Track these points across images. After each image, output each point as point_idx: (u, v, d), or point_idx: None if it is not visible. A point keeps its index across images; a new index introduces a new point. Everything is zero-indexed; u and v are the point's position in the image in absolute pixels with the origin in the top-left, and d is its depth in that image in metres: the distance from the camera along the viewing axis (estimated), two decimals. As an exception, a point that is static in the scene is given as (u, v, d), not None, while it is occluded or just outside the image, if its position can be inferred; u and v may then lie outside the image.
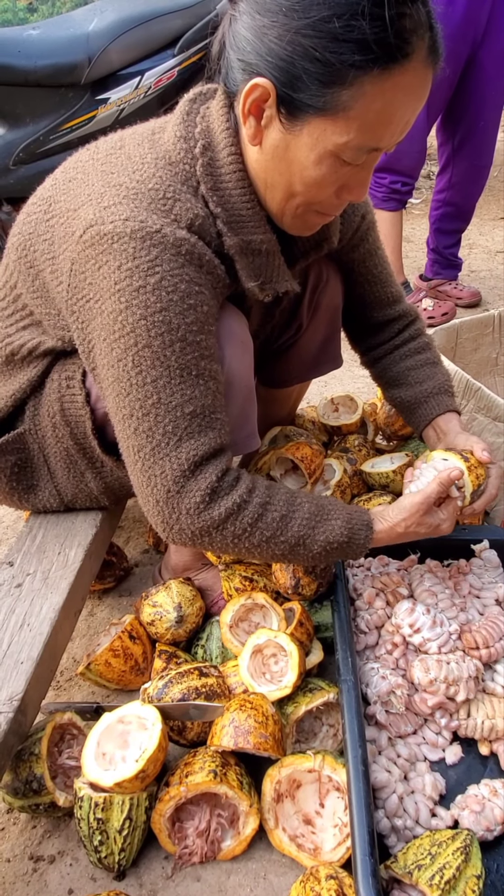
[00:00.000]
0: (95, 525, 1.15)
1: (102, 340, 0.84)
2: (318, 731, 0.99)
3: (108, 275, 0.81)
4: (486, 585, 1.15)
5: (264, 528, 0.88)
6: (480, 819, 0.86)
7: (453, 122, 2.35)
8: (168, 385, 0.82)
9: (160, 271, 0.80)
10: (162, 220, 0.81)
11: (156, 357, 0.81)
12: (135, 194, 0.82)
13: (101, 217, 0.81)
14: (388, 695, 0.97)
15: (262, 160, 0.83)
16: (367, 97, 0.73)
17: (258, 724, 0.86)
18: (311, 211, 0.87)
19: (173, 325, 0.81)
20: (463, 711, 0.98)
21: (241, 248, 0.88)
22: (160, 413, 0.83)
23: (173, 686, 0.92)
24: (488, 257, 3.30)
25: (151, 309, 0.80)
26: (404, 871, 0.76)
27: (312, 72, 0.73)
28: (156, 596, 1.07)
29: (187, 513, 0.85)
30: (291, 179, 0.83)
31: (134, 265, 0.79)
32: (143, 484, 0.87)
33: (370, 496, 1.31)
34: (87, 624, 1.23)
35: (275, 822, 0.86)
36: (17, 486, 1.09)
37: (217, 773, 0.83)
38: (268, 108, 0.78)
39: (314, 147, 0.78)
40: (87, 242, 0.82)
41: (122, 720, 0.88)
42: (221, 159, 0.85)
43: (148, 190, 0.82)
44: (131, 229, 0.79)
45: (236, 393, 0.97)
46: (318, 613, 1.12)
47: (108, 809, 0.81)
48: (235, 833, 0.86)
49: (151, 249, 0.79)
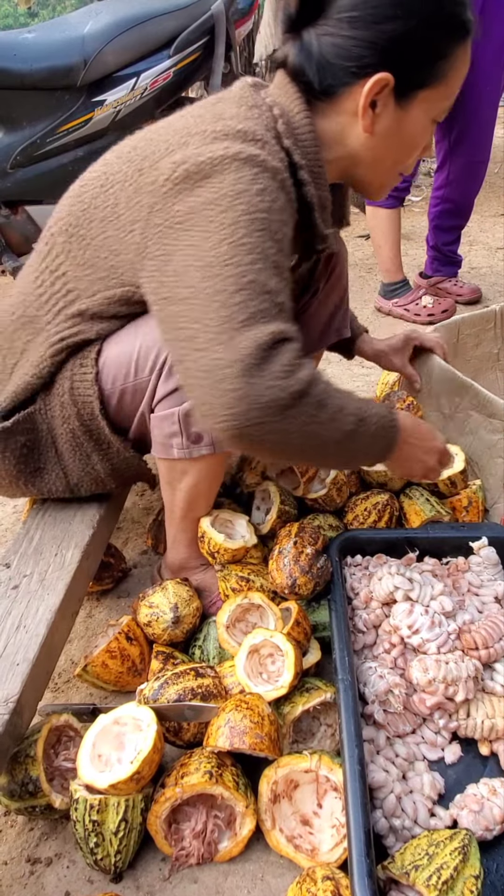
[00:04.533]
0: (93, 526, 1.15)
1: (188, 245, 0.85)
2: (315, 731, 0.99)
3: (206, 192, 0.84)
4: (484, 583, 1.14)
5: (336, 397, 0.87)
6: (479, 819, 0.85)
7: (449, 119, 2.34)
8: (264, 271, 0.83)
9: (261, 182, 0.85)
10: (259, 151, 0.86)
11: (254, 245, 0.83)
12: (225, 135, 0.87)
13: (193, 153, 0.86)
14: (385, 694, 0.97)
15: (373, 143, 0.96)
16: (457, 63, 0.92)
17: (254, 724, 0.85)
18: (398, 173, 1.03)
19: (272, 227, 0.85)
20: (462, 711, 0.97)
21: (320, 201, 0.97)
22: (254, 290, 0.82)
23: (169, 687, 0.92)
24: (489, 254, 3.29)
25: (254, 208, 0.84)
26: (401, 872, 0.75)
27: (425, 55, 0.89)
28: (152, 597, 1.07)
29: (280, 373, 0.80)
30: (402, 150, 0.98)
31: (238, 176, 0.84)
32: (229, 353, 0.80)
33: (367, 495, 1.30)
34: (85, 625, 1.23)
35: (272, 822, 0.85)
36: (24, 469, 1.07)
37: (213, 774, 0.83)
38: (383, 98, 0.91)
39: (423, 117, 0.94)
40: (177, 178, 0.86)
41: (118, 721, 0.88)
42: (299, 124, 0.93)
43: (237, 131, 0.87)
44: (233, 153, 0.85)
45: None
46: (315, 613, 1.12)
47: (104, 811, 0.80)
48: (232, 834, 0.85)
49: (254, 167, 0.85)
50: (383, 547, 1.19)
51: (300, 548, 1.06)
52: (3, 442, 1.02)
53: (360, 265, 3.20)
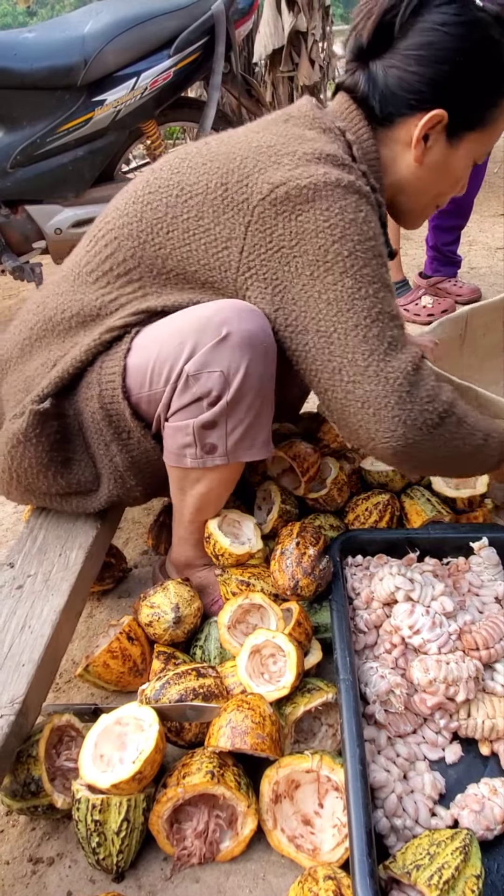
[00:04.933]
0: (96, 527, 1.15)
1: (308, 275, 0.92)
2: (317, 731, 0.99)
3: (312, 218, 0.91)
4: (485, 583, 1.14)
5: (470, 415, 0.98)
6: (480, 818, 0.86)
7: None
8: (387, 299, 0.94)
9: (364, 210, 0.93)
10: (349, 177, 0.94)
11: (374, 275, 0.93)
12: (318, 158, 0.94)
13: (292, 175, 0.92)
14: (387, 694, 0.97)
15: (420, 173, 1.04)
16: (502, 112, 1.00)
17: (255, 724, 0.86)
18: (434, 205, 1.12)
19: (378, 250, 0.94)
20: (463, 711, 0.97)
21: (383, 222, 1.05)
22: (385, 319, 0.93)
23: (171, 687, 0.92)
24: (488, 254, 3.29)
25: (365, 236, 0.92)
26: (403, 872, 0.75)
27: (479, 100, 0.97)
28: (153, 597, 1.07)
29: (427, 397, 0.92)
30: (444, 184, 1.06)
31: (343, 204, 0.91)
32: (381, 386, 0.91)
33: (368, 495, 1.30)
34: (85, 625, 1.23)
35: (273, 822, 0.85)
36: (56, 457, 1.05)
37: (214, 774, 0.83)
38: (434, 133, 0.99)
39: (467, 156, 1.02)
40: (276, 199, 0.92)
41: (120, 722, 0.88)
42: (367, 147, 1.02)
43: (327, 155, 0.94)
44: (334, 179, 0.92)
45: (254, 400, 0.98)
46: (316, 614, 1.12)
47: (106, 811, 0.81)
48: (234, 834, 0.86)
49: (353, 194, 0.93)
50: (384, 547, 1.19)
51: (302, 549, 1.06)
52: (39, 426, 1.01)
53: (359, 265, 3.20)
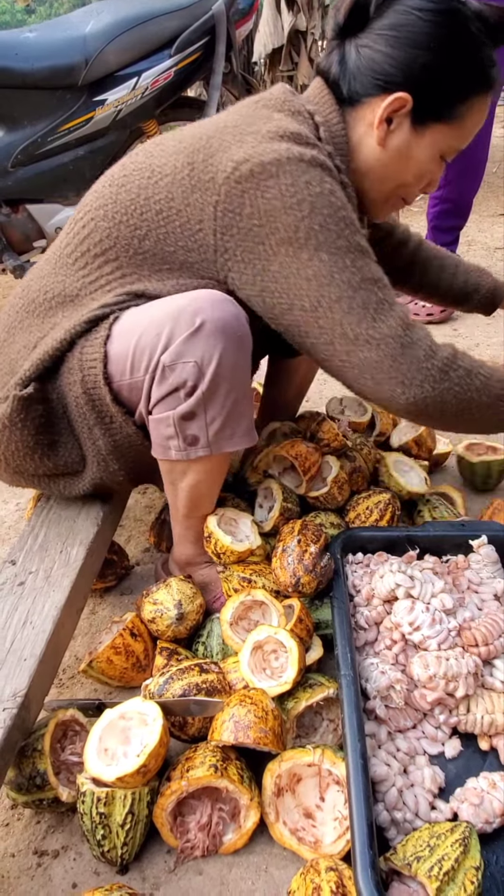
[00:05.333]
0: (97, 524, 1.16)
1: (284, 254, 0.93)
2: (318, 726, 1.00)
3: (279, 195, 0.91)
4: (484, 581, 1.15)
5: (481, 366, 0.99)
6: (479, 812, 0.87)
7: None
8: (366, 265, 0.94)
9: (329, 182, 0.94)
10: (314, 153, 0.94)
11: (349, 246, 0.93)
12: (280, 136, 0.95)
13: (255, 152, 0.92)
14: (387, 690, 0.98)
15: (383, 158, 1.03)
16: (474, 111, 0.99)
17: (258, 719, 0.87)
18: (400, 198, 1.11)
19: (349, 219, 0.94)
20: (462, 707, 0.98)
21: (352, 202, 1.04)
22: (367, 285, 0.94)
23: (174, 682, 0.93)
24: (487, 254, 3.31)
25: (334, 207, 0.93)
26: (403, 863, 0.77)
27: (447, 91, 0.97)
28: (156, 594, 1.08)
29: (425, 357, 0.94)
30: (407, 173, 1.04)
31: (307, 178, 0.92)
32: (373, 352, 0.94)
33: (369, 493, 1.31)
34: (88, 622, 1.24)
35: (275, 815, 0.87)
36: (42, 440, 1.06)
37: (218, 768, 0.84)
38: (399, 116, 0.99)
39: (432, 147, 1.01)
40: (241, 177, 0.92)
41: (124, 716, 0.89)
42: (336, 130, 1.02)
43: (290, 133, 0.95)
44: (296, 154, 0.92)
45: (230, 389, 0.98)
46: (317, 611, 1.13)
47: (111, 804, 0.82)
48: (237, 827, 0.87)
49: (316, 168, 0.93)
50: (384, 545, 1.20)
51: (304, 546, 1.07)
52: (24, 410, 1.02)
53: (359, 265, 3.21)
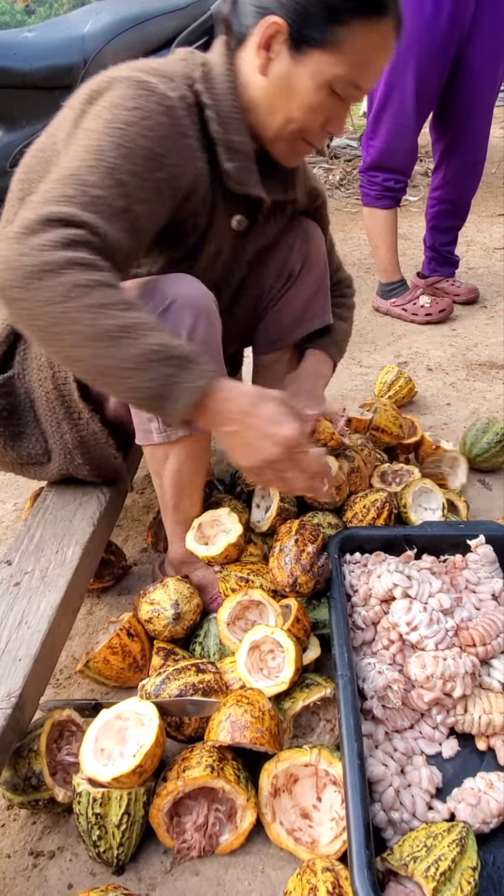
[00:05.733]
0: (93, 524, 1.16)
1: (67, 145, 0.95)
2: (315, 726, 1.00)
3: (99, 104, 0.93)
4: (482, 580, 1.15)
5: (106, 295, 0.80)
6: (476, 812, 0.86)
7: (445, 120, 2.36)
8: (91, 170, 0.87)
9: (140, 105, 0.91)
10: (157, 81, 0.94)
11: (98, 150, 0.88)
12: (136, 68, 0.96)
13: (102, 77, 0.96)
14: (384, 690, 0.98)
15: (268, 88, 1.00)
16: (357, 38, 0.94)
17: (255, 719, 0.86)
18: (300, 139, 1.04)
19: (128, 138, 0.89)
20: (460, 707, 0.98)
21: (224, 141, 1.01)
22: (75, 182, 0.86)
23: (171, 682, 0.93)
24: (486, 254, 3.31)
25: (119, 119, 0.90)
26: (400, 864, 0.76)
27: (319, 12, 0.93)
28: (153, 594, 1.08)
29: (41, 245, 0.79)
30: (291, 105, 1.00)
31: (122, 93, 0.92)
32: (14, 226, 0.83)
33: (366, 492, 1.31)
34: (85, 622, 1.24)
35: (272, 816, 0.86)
36: (4, 432, 1.11)
37: (214, 768, 0.84)
38: (277, 44, 0.96)
39: (314, 76, 0.96)
40: (85, 99, 0.95)
41: (120, 716, 0.89)
42: (217, 73, 1.01)
43: (149, 67, 0.97)
44: (134, 77, 0.93)
45: None
46: (315, 611, 1.13)
47: (106, 804, 0.81)
48: (233, 827, 0.86)
49: (142, 91, 0.92)
50: (382, 544, 1.20)
51: (301, 546, 1.07)
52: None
53: (357, 265, 3.21)
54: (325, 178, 5.00)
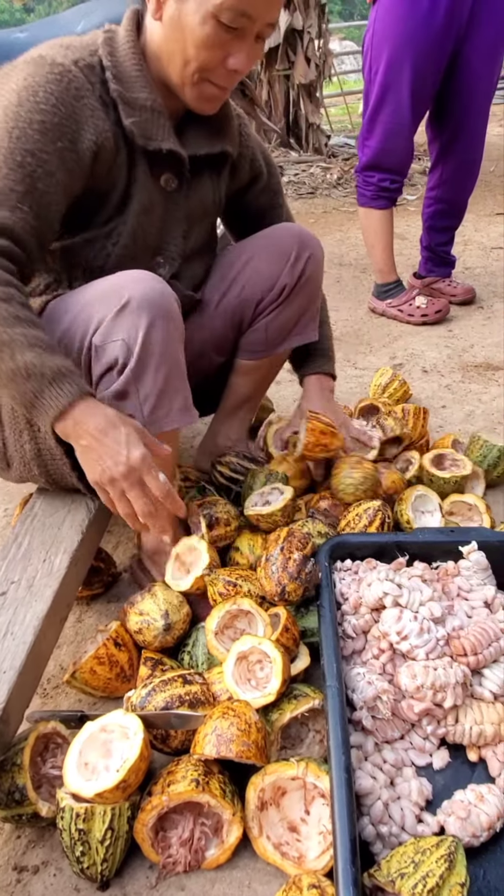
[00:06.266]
0: (81, 531, 1.15)
1: None
2: (304, 737, 0.99)
3: (13, 81, 0.96)
4: (474, 588, 1.14)
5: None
6: (466, 825, 0.85)
7: (442, 119, 2.35)
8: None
9: (31, 80, 0.95)
10: (51, 52, 0.98)
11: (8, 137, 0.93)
12: (43, 47, 1.01)
13: (12, 62, 1.00)
14: (374, 700, 0.96)
15: (163, 32, 1.02)
16: None
17: (241, 732, 0.85)
18: (206, 81, 1.04)
19: (21, 118, 0.94)
20: (451, 717, 0.97)
21: (125, 99, 1.03)
22: None
23: (156, 694, 0.92)
24: (483, 254, 3.29)
25: (10, 103, 0.94)
26: (387, 880, 0.75)
27: None
28: (141, 604, 1.07)
29: None
30: (185, 44, 1.00)
31: (16, 77, 0.96)
32: None
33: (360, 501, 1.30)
34: (74, 630, 1.23)
35: (259, 830, 0.85)
36: None
37: (199, 782, 0.83)
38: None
39: (198, 10, 0.97)
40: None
41: (105, 729, 0.88)
42: (120, 36, 1.05)
43: (54, 43, 1.02)
44: (25, 57, 0.99)
45: (160, 364, 1.00)
46: (304, 619, 1.12)
47: (90, 820, 0.80)
48: (219, 842, 0.85)
49: (32, 66, 0.97)
50: (373, 551, 1.19)
51: (287, 553, 1.06)
52: None
53: (353, 265, 3.20)
54: (323, 178, 4.99)
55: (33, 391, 0.90)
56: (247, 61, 1.03)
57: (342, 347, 2.33)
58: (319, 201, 4.56)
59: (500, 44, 2.19)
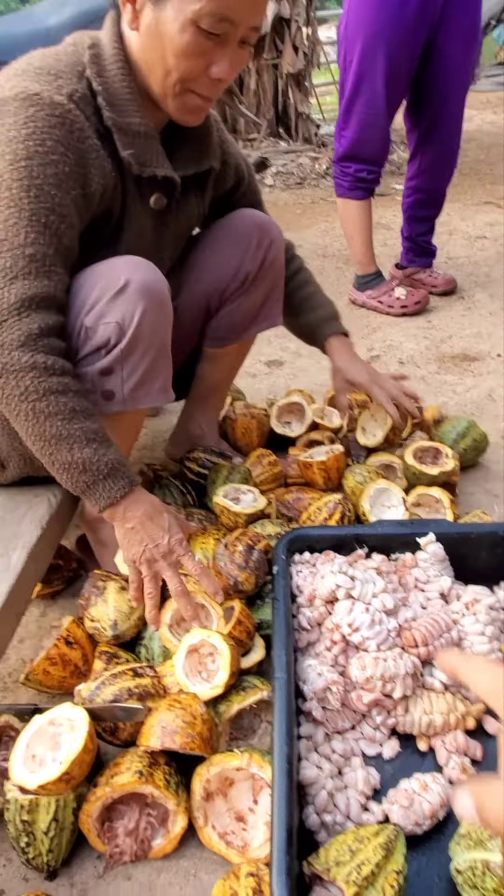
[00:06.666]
0: (41, 527, 1.15)
1: None
2: (256, 728, 1.00)
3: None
4: (430, 579, 1.15)
5: (52, 403, 0.92)
6: (409, 814, 0.86)
7: (419, 108, 2.33)
8: (16, 226, 0.90)
9: (32, 126, 0.91)
10: (43, 87, 0.92)
11: (12, 199, 0.90)
12: (23, 71, 0.95)
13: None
14: (324, 691, 0.98)
15: (141, 42, 0.98)
16: None
17: (186, 724, 0.86)
18: (189, 91, 0.99)
19: (34, 173, 0.90)
20: (401, 708, 0.98)
21: (119, 126, 0.99)
22: (2, 249, 0.90)
23: (105, 688, 0.93)
24: (467, 244, 3.28)
25: (19, 156, 0.90)
26: (323, 868, 0.76)
27: None
28: (92, 609, 1.07)
29: (5, 343, 0.89)
30: (165, 53, 0.95)
31: (12, 120, 0.91)
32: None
33: (320, 494, 1.31)
34: (37, 625, 1.24)
35: (204, 819, 0.86)
36: None
37: (143, 774, 0.84)
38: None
39: (177, 17, 0.92)
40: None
41: (53, 722, 0.89)
42: (106, 52, 0.99)
43: (35, 68, 0.95)
44: (15, 93, 0.92)
45: (148, 347, 1.03)
46: (260, 611, 1.13)
47: (34, 811, 0.82)
48: (165, 832, 0.87)
49: (29, 108, 0.91)
50: (333, 544, 1.19)
51: (231, 548, 1.07)
52: None
53: (336, 256, 3.19)
54: (311, 167, 4.96)
55: (87, 483, 0.98)
56: (230, 69, 0.98)
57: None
58: (307, 192, 4.53)
59: (475, 31, 2.18)
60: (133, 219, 1.10)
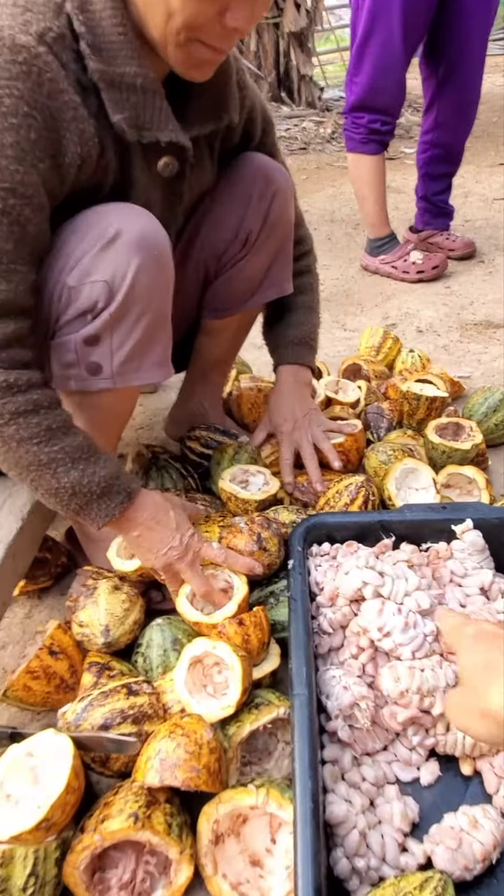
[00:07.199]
0: (21, 518, 1.01)
1: None
2: (272, 749, 0.86)
3: None
4: (469, 572, 1.00)
5: (23, 427, 0.79)
6: (457, 857, 0.72)
7: (436, 54, 2.14)
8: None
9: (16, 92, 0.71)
10: (4, 22, 0.72)
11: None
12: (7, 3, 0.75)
13: None
14: (350, 708, 0.83)
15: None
16: None
17: (189, 755, 0.72)
18: (195, 41, 0.79)
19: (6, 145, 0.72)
20: (441, 726, 0.84)
21: (109, 78, 0.79)
22: None
23: (94, 710, 0.79)
24: (485, 205, 3.08)
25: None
26: (361, 933, 0.63)
27: None
28: (82, 612, 0.92)
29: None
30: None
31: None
32: None
33: (340, 477, 1.15)
34: (21, 628, 1.10)
35: (213, 867, 0.73)
36: None
37: (138, 817, 0.70)
38: None
39: None
40: None
41: (32, 753, 0.75)
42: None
43: (2, 4, 0.74)
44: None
45: (143, 312, 0.87)
46: (275, 610, 0.98)
47: (9, 865, 0.68)
48: (167, 882, 0.73)
49: (16, 60, 0.71)
50: (355, 533, 1.04)
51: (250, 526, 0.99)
52: None
53: (345, 221, 3.00)
54: (315, 132, 4.74)
55: (80, 505, 0.87)
56: (250, 17, 0.77)
57: (331, 308, 2.16)
58: (312, 157, 4.32)
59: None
60: (136, 190, 0.91)
